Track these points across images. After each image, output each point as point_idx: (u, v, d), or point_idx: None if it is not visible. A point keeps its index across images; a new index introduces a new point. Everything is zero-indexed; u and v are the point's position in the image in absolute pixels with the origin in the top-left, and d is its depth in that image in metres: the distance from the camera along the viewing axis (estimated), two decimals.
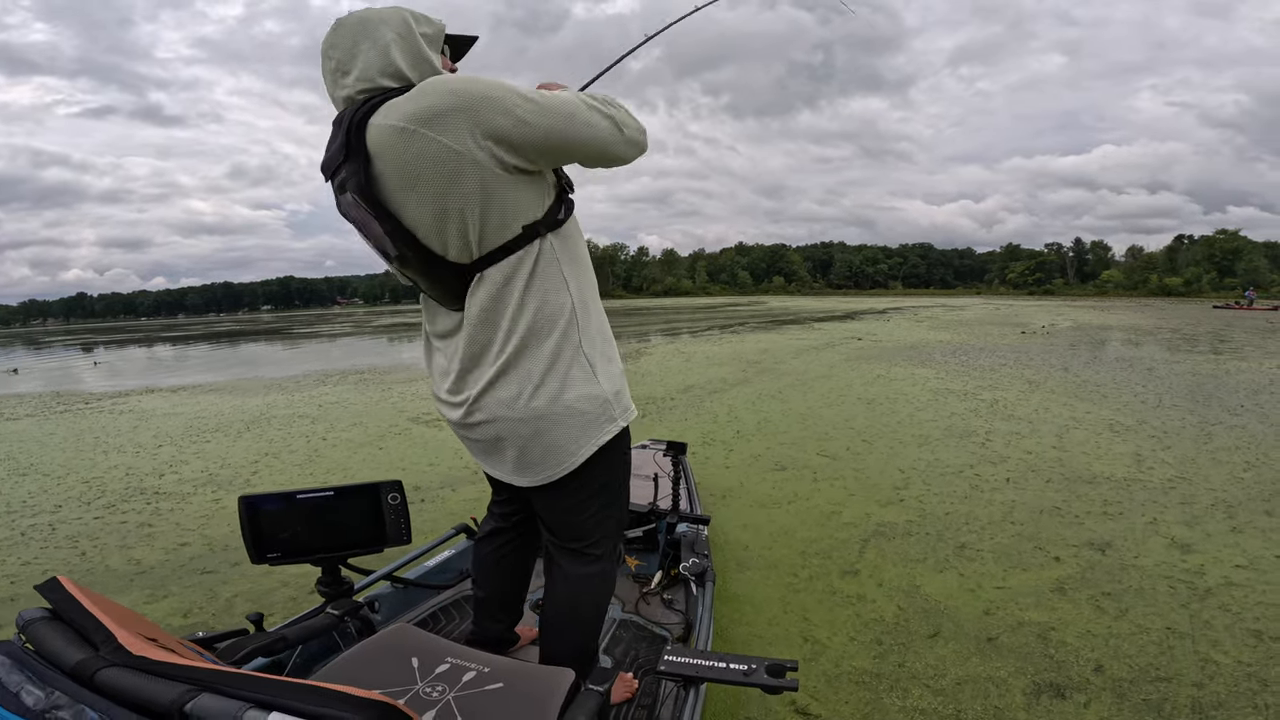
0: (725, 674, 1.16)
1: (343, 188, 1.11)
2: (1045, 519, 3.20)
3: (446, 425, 5.84)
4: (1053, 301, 46.16)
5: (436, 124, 1.00)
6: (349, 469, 4.60)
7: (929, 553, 2.86)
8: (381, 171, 1.05)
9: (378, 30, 1.07)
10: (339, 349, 18.20)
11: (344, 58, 1.08)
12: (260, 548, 1.36)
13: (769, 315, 27.44)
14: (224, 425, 6.48)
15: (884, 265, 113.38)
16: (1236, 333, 15.22)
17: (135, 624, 0.79)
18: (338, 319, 54.19)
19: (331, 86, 1.12)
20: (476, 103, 1.01)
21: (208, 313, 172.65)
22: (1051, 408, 5.90)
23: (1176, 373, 8.15)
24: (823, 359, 10.13)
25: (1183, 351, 10.91)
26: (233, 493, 4.13)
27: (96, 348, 26.85)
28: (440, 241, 1.09)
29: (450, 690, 1.02)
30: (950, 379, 7.74)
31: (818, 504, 3.55)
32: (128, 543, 3.40)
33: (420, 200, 1.05)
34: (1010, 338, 13.83)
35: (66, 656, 0.66)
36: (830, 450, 4.58)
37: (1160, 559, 2.79)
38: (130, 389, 10.26)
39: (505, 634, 1.63)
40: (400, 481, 1.50)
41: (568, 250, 1.18)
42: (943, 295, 74.09)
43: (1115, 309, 30.76)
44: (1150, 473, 3.91)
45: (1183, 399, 6.29)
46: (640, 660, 1.74)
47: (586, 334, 1.18)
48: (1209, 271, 65.19)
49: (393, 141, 1.02)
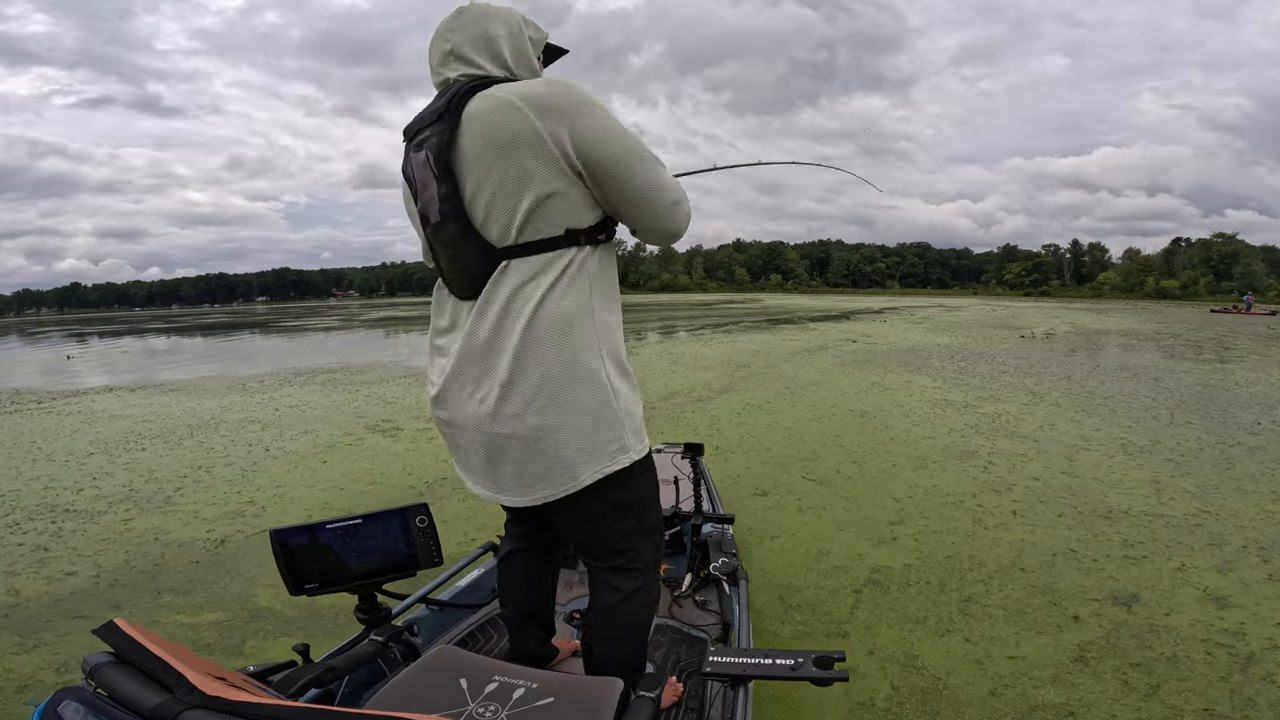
0: (773, 670, 1.14)
1: (419, 146, 1.13)
2: (1060, 564, 2.79)
3: (402, 435, 5.52)
4: (1049, 303, 45.93)
5: (543, 111, 1.04)
6: (281, 489, 4.16)
7: (930, 609, 2.44)
8: (466, 135, 1.08)
9: (494, 23, 1.16)
10: (318, 344, 17.75)
11: (460, 42, 1.14)
12: (297, 580, 1.34)
13: (764, 314, 27.06)
14: (167, 431, 6.05)
15: (881, 264, 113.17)
16: (1239, 339, 14.90)
17: (199, 664, 0.78)
18: (329, 311, 53.65)
19: (439, 66, 1.17)
20: (585, 113, 1.07)
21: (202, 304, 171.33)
22: (1058, 424, 5.49)
23: (1185, 384, 7.77)
24: (815, 363, 9.72)
25: (1188, 359, 10.55)
26: (146, 511, 3.83)
27: (79, 340, 26.34)
28: (486, 213, 1.10)
29: (503, 709, 1.01)
30: (948, 388, 7.33)
31: (803, 540, 3.14)
32: (16, 569, 3.07)
33: (488, 168, 1.07)
34: (1009, 342, 13.45)
35: (142, 700, 0.65)
36: (818, 473, 4.16)
37: (1194, 616, 2.39)
38: (90, 387, 9.81)
39: (541, 649, 1.61)
40: (426, 504, 1.46)
41: (601, 269, 1.17)
42: (940, 295, 73.84)
43: (1112, 312, 30.52)
44: (1172, 505, 3.51)
45: (1196, 414, 5.90)
46: (682, 663, 1.73)
47: (608, 353, 1.16)
48: (1206, 275, 65.23)
49: (494, 109, 1.05)
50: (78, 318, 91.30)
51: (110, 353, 18.20)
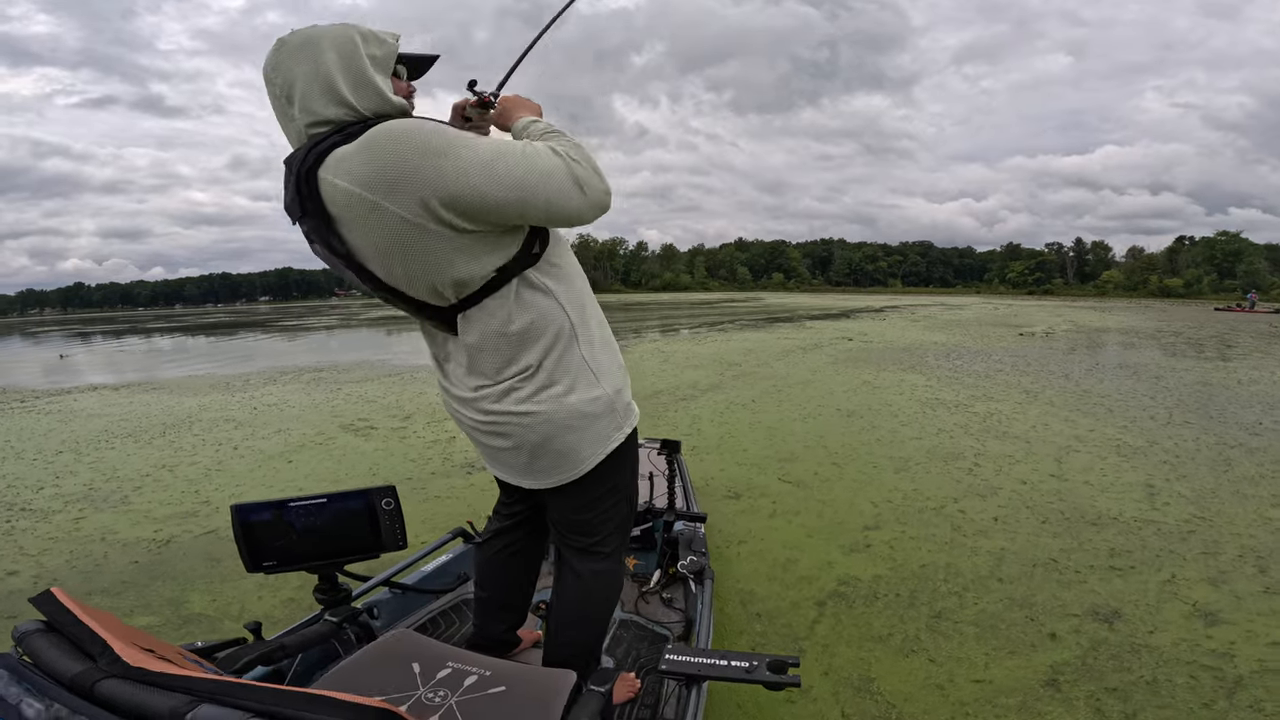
0: (727, 671, 1.14)
1: (309, 239, 1.07)
2: (1040, 575, 2.62)
3: (375, 434, 5.37)
4: (1052, 302, 45.59)
5: (386, 191, 0.96)
6: (240, 489, 4.02)
7: (895, 626, 2.27)
8: (345, 233, 1.02)
9: (318, 52, 0.99)
10: (312, 343, 17.62)
11: (285, 82, 1.00)
12: (255, 557, 1.31)
13: (764, 312, 26.87)
14: (141, 430, 5.91)
15: (884, 263, 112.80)
16: (1242, 337, 14.65)
17: (132, 635, 0.77)
18: (330, 311, 53.62)
19: (281, 117, 1.04)
20: (428, 166, 0.96)
21: (205, 303, 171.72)
22: (1051, 423, 5.31)
23: (1185, 382, 7.57)
24: (807, 362, 9.54)
25: (1189, 357, 10.33)
26: (100, 511, 3.76)
27: (83, 339, 26.31)
28: (416, 291, 1.08)
29: (452, 695, 1.00)
30: (941, 387, 7.14)
31: (771, 547, 2.98)
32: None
33: (388, 264, 1.04)
34: (1008, 340, 13.24)
35: (64, 668, 0.64)
36: (795, 474, 3.99)
37: (1179, 635, 2.22)
38: (76, 386, 9.69)
39: (507, 636, 1.60)
40: (394, 487, 1.42)
41: (552, 271, 1.15)
42: (942, 294, 73.43)
43: (1115, 310, 30.23)
44: (1165, 510, 3.33)
45: (1195, 414, 5.71)
46: (642, 660, 1.72)
47: (587, 341, 1.18)
48: (1209, 273, 64.92)
49: (350, 205, 0.98)
50: (80, 318, 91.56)
51: (103, 352, 18.11)
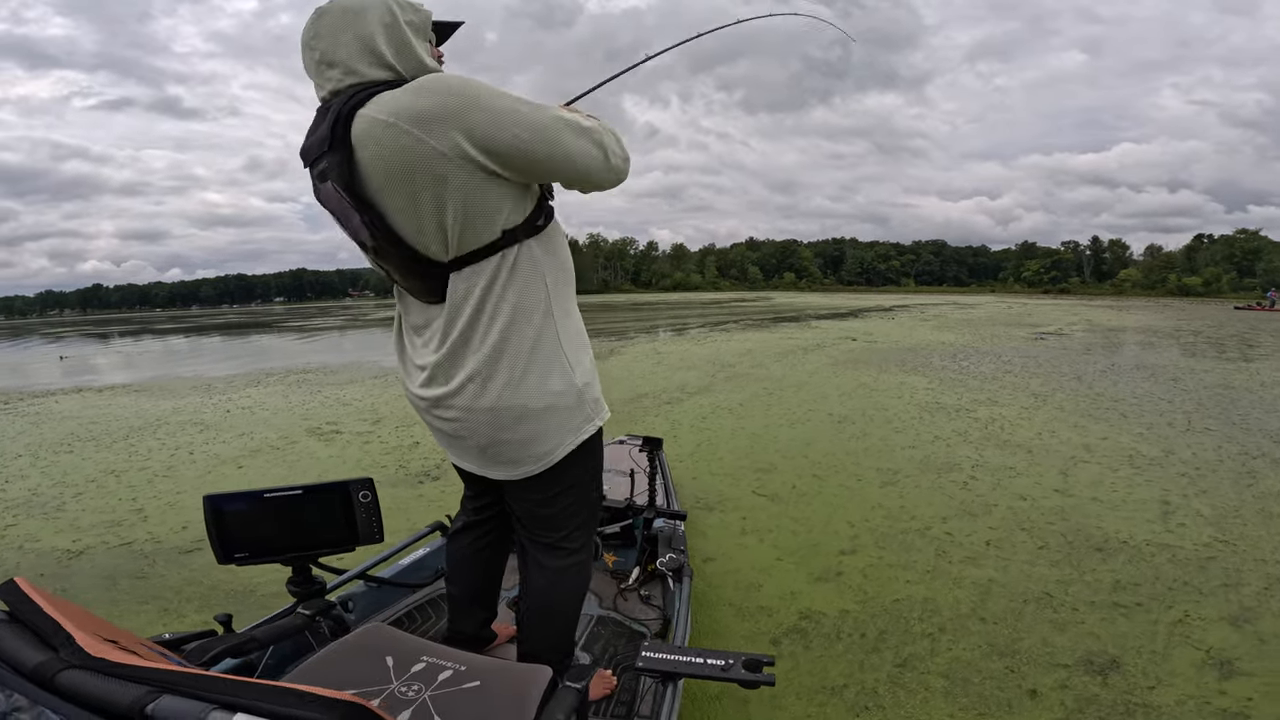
0: (703, 669, 1.11)
1: (323, 177, 1.07)
2: (1030, 614, 2.28)
3: (337, 439, 5.11)
4: (1068, 301, 44.68)
5: (426, 125, 0.98)
6: (179, 496, 3.78)
7: (854, 674, 1.95)
8: (364, 165, 1.02)
9: (362, 19, 1.02)
10: (313, 343, 17.48)
11: (328, 48, 1.03)
12: (227, 548, 1.29)
13: (771, 311, 26.45)
14: (104, 434, 5.71)
15: (896, 262, 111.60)
16: (1263, 336, 14.07)
17: (96, 626, 0.75)
18: (340, 311, 53.85)
19: (317, 79, 1.07)
20: (470, 108, 0.98)
21: (221, 304, 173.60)
22: (1058, 430, 4.93)
23: (1205, 384, 7.13)
24: (806, 363, 9.17)
25: (1209, 358, 9.85)
26: (31, 518, 3.65)
27: (88, 340, 26.48)
28: (419, 238, 1.08)
29: (426, 689, 0.98)
30: (943, 390, 6.77)
31: (738, 568, 2.68)
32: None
33: (401, 197, 1.03)
34: (1019, 340, 12.77)
35: (25, 658, 0.63)
36: (770, 488, 3.66)
37: (1186, 690, 1.88)
38: (61, 387, 9.57)
39: (481, 631, 1.60)
40: (371, 479, 1.39)
41: (548, 254, 1.15)
42: (955, 293, 72.37)
43: (1133, 309, 29.47)
44: (1181, 533, 2.97)
45: (1216, 419, 5.30)
46: (619, 656, 1.72)
47: (565, 333, 1.17)
48: (1229, 271, 63.70)
49: (379, 136, 0.99)
50: (97, 319, 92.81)
51: (104, 354, 18.11)
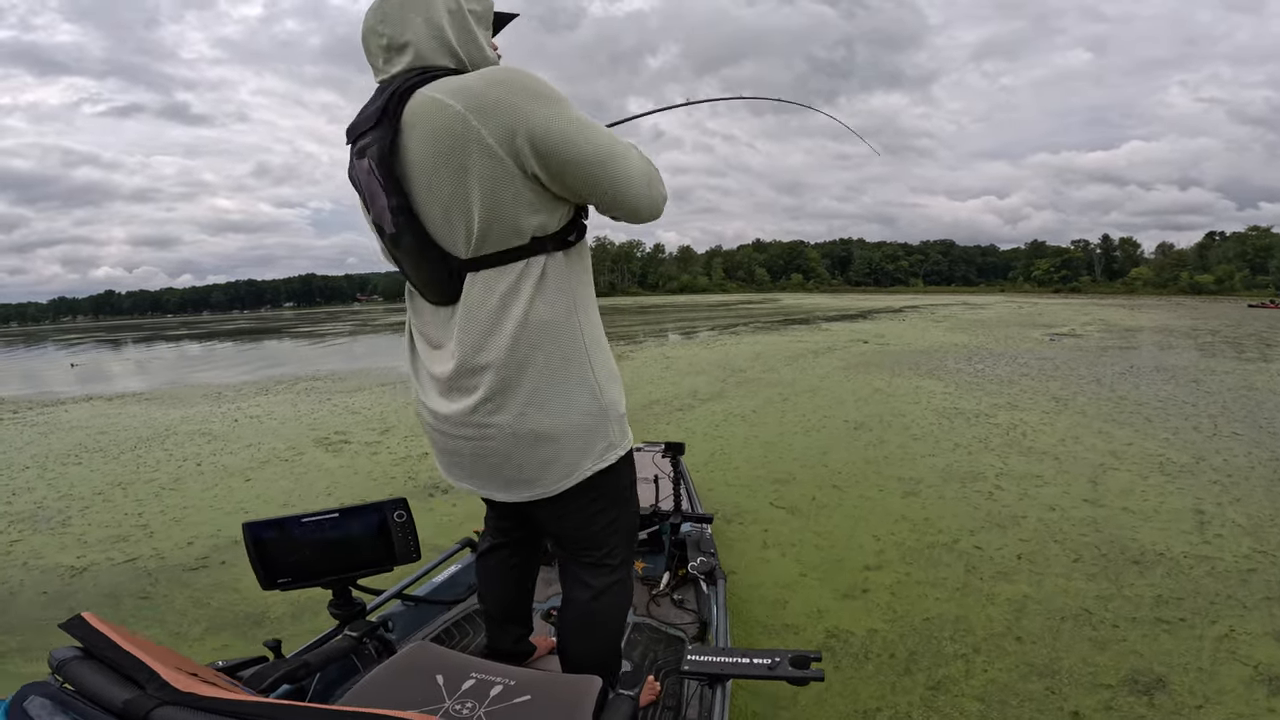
0: (750, 669, 1.12)
1: (361, 153, 1.04)
2: (1069, 632, 2.17)
3: (345, 450, 5.05)
4: (1079, 300, 44.26)
5: (485, 114, 0.93)
6: (186, 511, 3.72)
7: (885, 698, 1.85)
8: (407, 143, 0.99)
9: (429, 6, 1.00)
10: (320, 350, 17.51)
11: (395, 34, 1.00)
12: (269, 574, 1.30)
13: (780, 313, 26.32)
14: (112, 444, 5.69)
15: (904, 262, 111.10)
16: None
17: (171, 659, 0.74)
18: (349, 316, 54.08)
19: (382, 64, 1.03)
20: (540, 108, 0.95)
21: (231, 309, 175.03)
22: (1083, 436, 4.81)
23: (1228, 386, 6.97)
24: (818, 367, 9.06)
25: (1229, 359, 9.66)
26: (38, 533, 3.55)
27: (100, 346, 26.68)
28: (443, 227, 1.02)
29: (480, 706, 0.96)
30: (961, 395, 6.64)
31: (761, 583, 2.60)
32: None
33: (435, 180, 0.99)
34: (1032, 341, 12.60)
35: (112, 696, 0.62)
36: (789, 499, 3.56)
37: (1235, 709, 1.78)
38: (70, 396, 9.60)
39: (519, 646, 1.59)
40: (405, 499, 1.41)
41: (576, 271, 1.11)
42: (965, 293, 71.87)
43: (1146, 308, 29.13)
44: (1219, 544, 2.85)
45: (1242, 423, 5.16)
46: (659, 662, 1.71)
47: (594, 353, 1.12)
48: (1241, 269, 63.06)
49: (432, 115, 0.95)
50: (110, 325, 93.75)
51: (115, 361, 18.23)
